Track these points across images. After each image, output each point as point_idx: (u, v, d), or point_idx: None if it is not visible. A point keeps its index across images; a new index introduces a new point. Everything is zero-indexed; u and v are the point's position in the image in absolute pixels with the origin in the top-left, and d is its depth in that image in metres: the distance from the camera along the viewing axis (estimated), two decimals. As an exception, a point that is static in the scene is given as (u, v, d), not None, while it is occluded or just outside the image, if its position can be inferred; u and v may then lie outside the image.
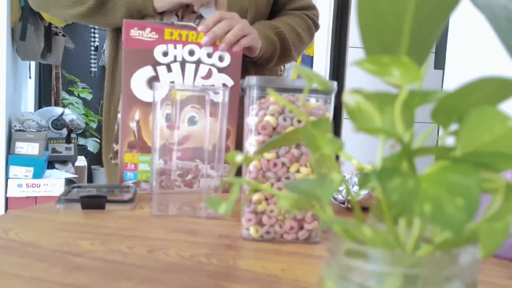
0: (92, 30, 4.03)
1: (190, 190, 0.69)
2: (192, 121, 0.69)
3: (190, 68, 0.82)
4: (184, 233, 0.56)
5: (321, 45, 2.65)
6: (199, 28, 0.82)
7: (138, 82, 0.81)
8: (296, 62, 1.17)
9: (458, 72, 1.74)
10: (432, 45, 0.25)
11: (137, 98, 0.80)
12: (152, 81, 0.81)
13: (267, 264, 0.46)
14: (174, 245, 0.51)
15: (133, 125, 0.80)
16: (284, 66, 3.27)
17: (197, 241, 0.53)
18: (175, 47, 0.81)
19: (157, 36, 0.80)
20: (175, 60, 0.82)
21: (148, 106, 0.81)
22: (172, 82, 0.82)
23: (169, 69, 0.82)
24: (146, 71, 0.81)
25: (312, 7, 1.10)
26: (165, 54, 0.81)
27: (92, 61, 4.18)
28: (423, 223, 0.22)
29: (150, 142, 0.81)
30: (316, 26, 1.10)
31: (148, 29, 0.80)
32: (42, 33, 2.80)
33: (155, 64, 0.81)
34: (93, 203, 0.65)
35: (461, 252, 0.22)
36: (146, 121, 0.81)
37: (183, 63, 0.82)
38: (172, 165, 0.67)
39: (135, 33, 0.79)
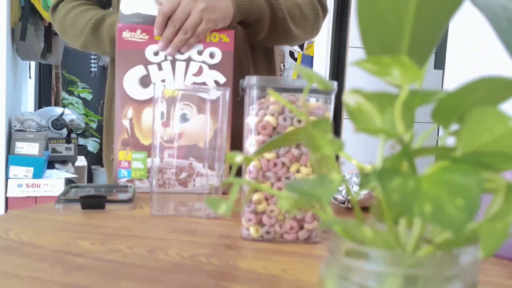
0: (92, 30, 4.02)
1: (190, 190, 0.69)
2: (184, 118, 0.70)
3: (180, 66, 0.84)
4: (184, 233, 0.56)
5: (321, 45, 2.65)
6: (154, 33, 0.83)
7: (130, 81, 0.83)
8: (298, 42, 1.06)
9: (458, 72, 1.74)
10: (434, 46, 0.25)
11: (129, 96, 0.83)
12: (144, 79, 0.83)
13: (267, 264, 0.46)
14: (174, 245, 0.51)
15: (126, 122, 0.82)
16: (284, 66, 3.26)
17: (197, 241, 0.53)
18: None
19: (147, 37, 0.83)
20: (165, 59, 0.84)
21: (140, 104, 0.83)
22: (163, 80, 0.84)
23: (160, 68, 0.84)
24: (138, 70, 0.83)
25: None
26: (156, 53, 0.83)
27: (92, 61, 4.18)
28: (423, 223, 0.22)
29: (143, 140, 0.82)
30: (323, 7, 1.01)
31: (139, 31, 0.83)
32: (42, 33, 2.80)
33: (146, 63, 0.83)
34: (93, 203, 0.65)
35: (462, 252, 0.22)
36: (139, 118, 0.83)
37: (173, 61, 0.84)
38: (166, 163, 0.67)
39: (126, 35, 0.82)
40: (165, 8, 0.82)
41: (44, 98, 3.73)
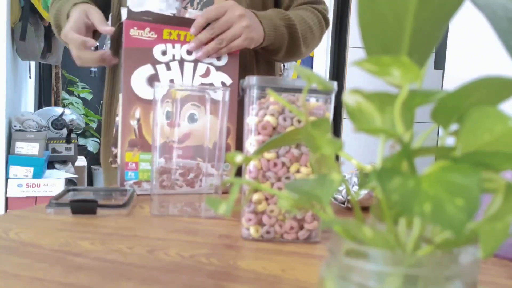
0: (92, 30, 4.02)
1: (190, 190, 0.69)
2: (192, 118, 0.69)
3: (188, 66, 0.84)
4: (184, 233, 0.56)
5: (321, 45, 2.65)
6: (191, 31, 0.83)
7: (138, 80, 0.81)
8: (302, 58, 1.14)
9: (458, 72, 1.74)
10: (434, 46, 0.25)
11: (137, 96, 0.81)
12: (152, 79, 0.82)
13: (267, 264, 0.46)
14: (174, 245, 0.51)
15: (133, 123, 0.81)
16: (284, 66, 3.26)
17: (197, 241, 0.53)
18: (173, 46, 0.83)
19: (156, 36, 0.82)
20: (173, 59, 0.83)
21: (148, 104, 0.82)
22: (172, 80, 0.83)
23: (168, 68, 0.83)
24: (146, 69, 0.82)
25: (321, 1, 1.06)
26: (164, 53, 0.82)
27: (92, 61, 4.16)
28: (423, 223, 0.22)
29: (151, 140, 0.81)
30: (326, 22, 1.05)
31: (148, 29, 0.81)
32: (42, 33, 2.80)
33: (154, 62, 0.82)
34: (84, 208, 0.63)
35: (462, 252, 0.22)
36: (147, 119, 0.81)
37: (181, 62, 0.83)
38: (173, 163, 0.67)
39: (134, 32, 0.81)
40: (211, 13, 0.82)
41: (44, 98, 3.73)
